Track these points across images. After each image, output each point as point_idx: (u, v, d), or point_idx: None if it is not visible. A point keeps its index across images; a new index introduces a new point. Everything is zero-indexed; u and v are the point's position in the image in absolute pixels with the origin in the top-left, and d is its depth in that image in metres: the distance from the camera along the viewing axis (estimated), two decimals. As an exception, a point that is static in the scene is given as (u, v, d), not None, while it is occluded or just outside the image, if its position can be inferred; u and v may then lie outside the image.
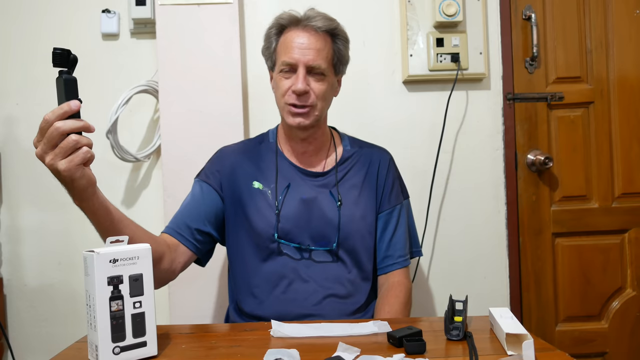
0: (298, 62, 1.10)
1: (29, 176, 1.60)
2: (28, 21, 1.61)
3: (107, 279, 0.75)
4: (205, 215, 1.15)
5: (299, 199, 1.15)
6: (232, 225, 1.17)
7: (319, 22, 1.13)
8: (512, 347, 0.78)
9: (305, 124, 1.12)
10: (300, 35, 1.12)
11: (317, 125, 1.17)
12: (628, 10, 1.71)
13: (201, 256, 1.17)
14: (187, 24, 1.51)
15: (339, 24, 1.17)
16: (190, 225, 1.13)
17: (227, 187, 1.17)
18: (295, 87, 1.09)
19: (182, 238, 1.11)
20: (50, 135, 0.76)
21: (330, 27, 1.14)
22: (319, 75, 1.11)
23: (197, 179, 1.21)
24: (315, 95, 1.11)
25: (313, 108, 1.12)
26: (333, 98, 1.21)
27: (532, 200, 1.69)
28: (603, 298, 1.71)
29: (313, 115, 1.13)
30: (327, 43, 1.14)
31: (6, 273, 1.62)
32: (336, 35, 1.16)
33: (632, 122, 1.72)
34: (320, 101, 1.12)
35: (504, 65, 1.67)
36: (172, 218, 1.16)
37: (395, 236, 1.21)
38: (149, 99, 1.61)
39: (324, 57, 1.12)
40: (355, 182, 1.20)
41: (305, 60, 1.10)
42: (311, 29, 1.12)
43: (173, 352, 0.83)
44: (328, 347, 0.80)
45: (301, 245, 1.13)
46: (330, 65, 1.14)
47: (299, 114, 1.11)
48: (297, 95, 1.10)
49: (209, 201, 1.16)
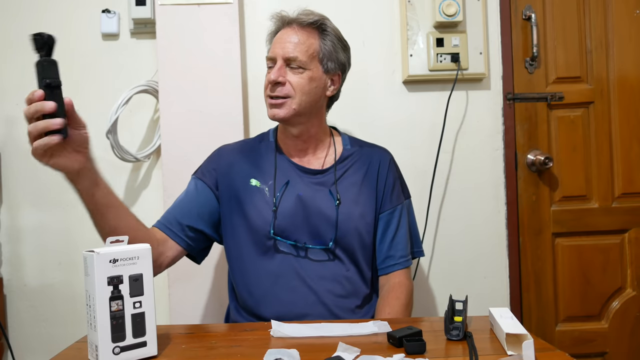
0: (276, 56, 1.13)
1: (29, 176, 1.59)
2: (28, 21, 1.61)
3: (107, 279, 0.75)
4: (197, 213, 1.15)
5: (297, 196, 1.15)
6: (229, 224, 1.17)
7: (303, 17, 1.15)
8: (512, 347, 0.78)
9: (280, 116, 1.12)
10: (286, 32, 1.15)
11: (303, 120, 1.16)
12: (628, 10, 1.71)
13: (194, 253, 1.17)
14: (187, 24, 1.51)
15: (327, 20, 1.17)
16: (181, 221, 1.13)
17: (223, 185, 1.17)
18: (268, 78, 1.12)
19: (171, 233, 1.12)
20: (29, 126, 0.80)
21: (312, 20, 1.14)
22: (297, 69, 1.12)
23: (194, 176, 1.21)
24: (292, 87, 1.11)
25: (290, 100, 1.12)
26: (325, 96, 1.18)
27: (532, 200, 1.69)
28: (603, 298, 1.71)
29: (289, 108, 1.12)
30: (311, 37, 1.14)
31: (6, 273, 1.62)
32: (323, 30, 1.16)
33: (632, 122, 1.72)
34: (298, 94, 1.11)
35: (504, 65, 1.67)
36: (164, 213, 1.16)
37: (397, 236, 1.20)
38: (149, 99, 1.61)
39: (303, 50, 1.12)
40: (354, 180, 1.19)
41: (283, 52, 1.12)
42: (295, 24, 1.14)
43: (173, 352, 0.83)
44: (328, 347, 0.80)
45: (297, 242, 1.13)
46: (312, 59, 1.13)
47: (275, 105, 1.12)
48: (272, 86, 1.12)
49: (202, 199, 1.16)
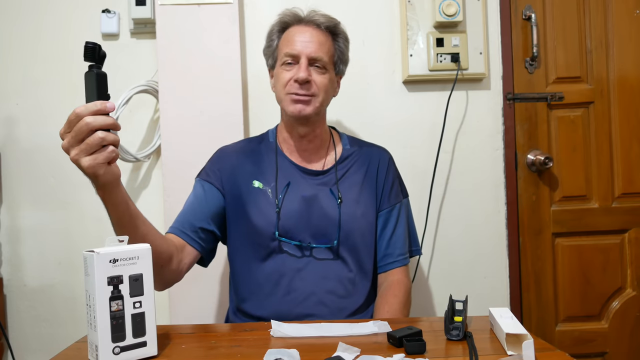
0: (300, 54, 1.12)
1: (29, 176, 1.59)
2: (28, 21, 1.61)
3: (107, 279, 0.75)
4: (209, 214, 1.15)
5: (300, 196, 1.15)
6: (233, 224, 1.17)
7: (321, 18, 1.16)
8: (512, 347, 0.78)
9: (306, 112, 1.13)
10: (302, 30, 1.15)
11: (317, 119, 1.17)
12: (628, 10, 1.71)
13: (205, 255, 1.17)
14: (187, 24, 1.51)
15: (340, 24, 1.20)
16: (195, 224, 1.13)
17: (228, 186, 1.18)
18: (297, 76, 1.11)
19: (188, 238, 1.11)
20: (78, 130, 0.75)
21: (331, 24, 1.17)
22: (320, 69, 1.13)
23: (199, 179, 1.21)
24: (317, 86, 1.13)
25: (315, 98, 1.13)
26: (332, 98, 1.22)
27: (532, 200, 1.69)
28: (603, 298, 1.71)
29: (314, 106, 1.13)
30: (329, 40, 1.16)
31: (6, 273, 1.62)
32: (337, 34, 1.18)
33: (632, 122, 1.72)
34: (321, 93, 1.13)
35: (504, 65, 1.67)
36: (176, 217, 1.15)
37: (395, 234, 1.21)
38: (149, 99, 1.60)
39: (326, 52, 1.14)
40: (355, 180, 1.20)
41: (308, 52, 1.12)
42: (313, 24, 1.15)
43: (173, 352, 0.83)
44: (328, 347, 0.80)
45: (302, 243, 1.13)
46: (331, 61, 1.16)
47: (301, 101, 1.12)
48: (300, 85, 1.11)
49: (211, 199, 1.17)
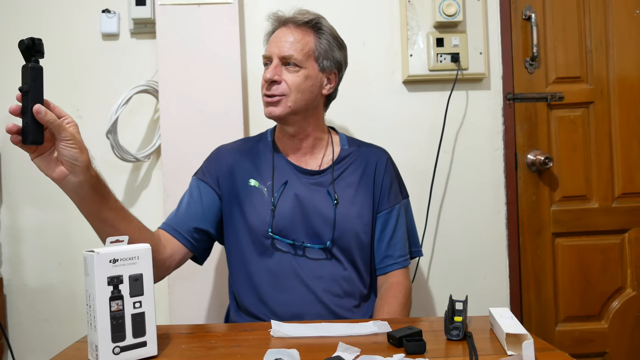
0: (272, 55, 1.14)
1: (29, 176, 1.59)
2: (28, 21, 1.61)
3: (107, 279, 0.75)
4: (202, 214, 1.15)
5: (294, 195, 1.15)
6: (230, 223, 1.17)
7: (299, 16, 1.16)
8: (512, 347, 0.78)
9: (276, 114, 1.13)
10: (281, 31, 1.16)
11: (299, 119, 1.16)
12: (628, 10, 1.71)
13: (198, 254, 1.17)
14: (187, 24, 1.51)
15: (323, 19, 1.18)
16: (188, 223, 1.13)
17: (224, 185, 1.18)
18: (264, 77, 1.13)
19: (178, 235, 1.11)
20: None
21: (308, 19, 1.16)
22: (293, 67, 1.13)
23: (195, 177, 1.21)
24: (288, 85, 1.12)
25: (285, 98, 1.12)
26: (322, 94, 1.18)
27: (532, 200, 1.69)
28: (603, 298, 1.71)
29: (285, 105, 1.13)
30: (307, 36, 1.15)
31: (6, 273, 1.62)
32: (320, 29, 1.17)
33: (632, 122, 1.72)
34: (294, 92, 1.12)
35: (504, 65, 1.67)
36: (169, 215, 1.16)
37: (395, 236, 1.20)
38: (149, 99, 1.60)
39: (298, 49, 1.13)
40: (351, 180, 1.20)
41: (278, 51, 1.13)
42: (291, 24, 1.16)
43: (173, 352, 0.83)
44: (328, 347, 0.80)
45: (295, 242, 1.13)
46: (308, 58, 1.14)
47: (270, 102, 1.14)
48: (268, 85, 1.13)
49: (206, 199, 1.17)
